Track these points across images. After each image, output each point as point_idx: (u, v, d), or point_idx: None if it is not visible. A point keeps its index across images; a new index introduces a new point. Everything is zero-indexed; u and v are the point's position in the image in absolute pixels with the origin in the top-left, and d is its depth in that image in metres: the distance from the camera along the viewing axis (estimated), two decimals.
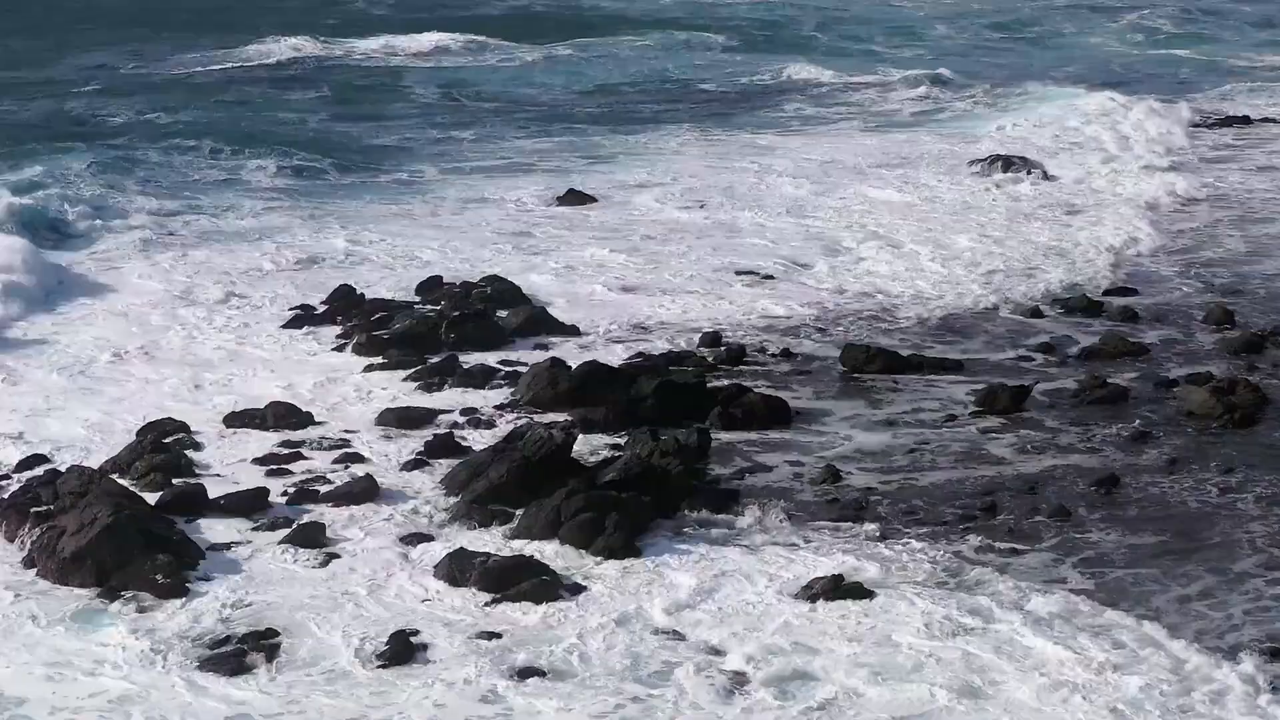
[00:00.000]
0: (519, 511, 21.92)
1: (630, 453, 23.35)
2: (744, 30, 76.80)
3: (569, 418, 25.60)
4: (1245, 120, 54.88)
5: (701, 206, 41.21)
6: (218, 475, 23.64)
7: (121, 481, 22.77)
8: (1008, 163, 45.64)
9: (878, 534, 21.76)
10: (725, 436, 25.23)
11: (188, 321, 31.16)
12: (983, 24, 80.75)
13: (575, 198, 41.87)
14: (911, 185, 44.26)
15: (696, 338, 30.10)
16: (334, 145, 48.82)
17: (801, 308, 32.30)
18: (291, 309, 31.92)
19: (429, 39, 71.82)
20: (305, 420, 25.71)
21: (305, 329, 30.78)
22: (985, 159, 46.30)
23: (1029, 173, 44.76)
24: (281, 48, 68.63)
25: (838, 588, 19.72)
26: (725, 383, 27.22)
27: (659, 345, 29.86)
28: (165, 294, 33.17)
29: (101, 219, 38.99)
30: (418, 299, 32.69)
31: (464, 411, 26.25)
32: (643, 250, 36.85)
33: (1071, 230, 39.11)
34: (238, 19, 74.66)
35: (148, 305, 32.36)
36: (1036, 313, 32.02)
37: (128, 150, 46.89)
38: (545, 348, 29.60)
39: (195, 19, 75.76)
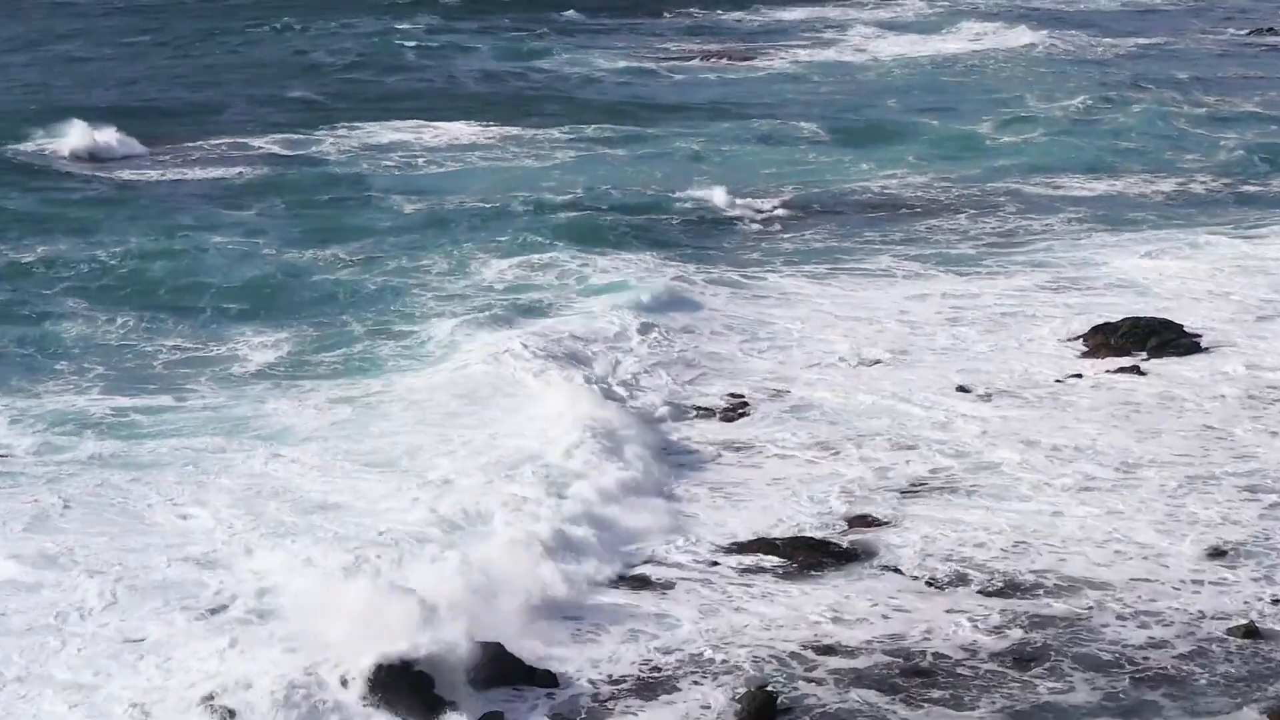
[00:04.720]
0: None
1: None
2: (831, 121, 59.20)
3: None
4: None
5: (737, 413, 28.81)
6: None
7: None
8: (1169, 333, 32.42)
9: None
10: None
11: None
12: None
13: None
14: (1027, 377, 30.61)
15: (735, 694, 19.11)
16: (281, 293, 37.00)
17: (892, 627, 21.02)
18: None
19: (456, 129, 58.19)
20: None
21: None
22: (1110, 328, 32.67)
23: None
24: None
25: None
26: None
27: (678, 710, 18.87)
28: None
29: None
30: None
31: None
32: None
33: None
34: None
35: None
36: (1252, 632, 20.96)
37: None
38: None
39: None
